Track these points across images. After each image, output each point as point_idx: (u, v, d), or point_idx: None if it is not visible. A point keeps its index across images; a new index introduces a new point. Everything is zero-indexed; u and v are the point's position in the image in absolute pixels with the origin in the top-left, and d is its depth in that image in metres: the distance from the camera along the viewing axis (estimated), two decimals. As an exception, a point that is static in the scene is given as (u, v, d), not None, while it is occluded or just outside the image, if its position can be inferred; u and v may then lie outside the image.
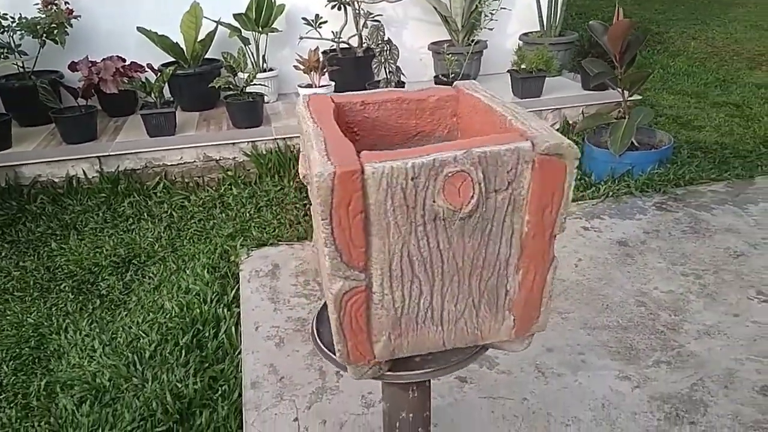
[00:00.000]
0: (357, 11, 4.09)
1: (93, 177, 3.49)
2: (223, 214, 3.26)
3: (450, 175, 0.96)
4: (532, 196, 1.03)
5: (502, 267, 1.10)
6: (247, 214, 3.22)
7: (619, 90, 3.44)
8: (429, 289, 1.08)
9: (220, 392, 2.06)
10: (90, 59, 3.75)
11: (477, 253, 1.08)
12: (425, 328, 1.12)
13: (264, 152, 3.60)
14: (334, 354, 1.15)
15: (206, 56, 4.15)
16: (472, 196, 0.98)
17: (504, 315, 1.15)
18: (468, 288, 1.11)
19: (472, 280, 1.10)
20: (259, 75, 3.91)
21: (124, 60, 3.81)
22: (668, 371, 2.02)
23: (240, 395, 2.02)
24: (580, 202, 3.19)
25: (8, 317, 2.53)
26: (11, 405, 2.10)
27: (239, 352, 2.22)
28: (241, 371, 2.13)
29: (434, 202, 0.98)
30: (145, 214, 3.29)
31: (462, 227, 1.03)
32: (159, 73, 3.66)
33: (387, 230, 0.99)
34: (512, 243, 1.08)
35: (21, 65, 3.85)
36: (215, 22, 4.02)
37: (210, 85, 3.69)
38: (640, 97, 4.20)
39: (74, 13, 3.87)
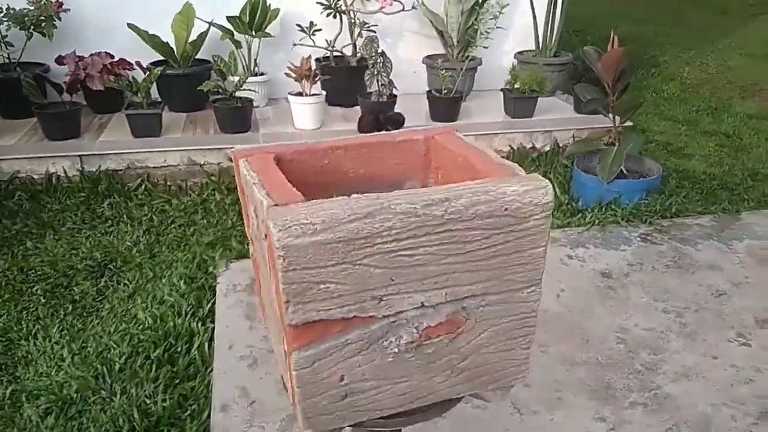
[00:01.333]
0: (352, 21, 4.05)
1: (73, 176, 3.42)
2: (205, 221, 3.21)
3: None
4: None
5: (280, 321, 1.02)
6: (229, 222, 3.17)
7: (611, 117, 3.43)
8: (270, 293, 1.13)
9: (189, 411, 2.02)
10: (78, 54, 3.67)
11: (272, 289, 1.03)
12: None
13: (250, 159, 3.55)
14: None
15: (197, 57, 4.09)
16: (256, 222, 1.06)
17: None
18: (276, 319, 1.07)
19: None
20: (249, 79, 3.86)
21: (112, 56, 3.74)
22: (644, 413, 2.00)
23: (209, 416, 1.98)
24: (565, 229, 3.17)
25: (-24, 320, 2.47)
26: (-28, 414, 2.05)
27: (211, 370, 2.17)
28: (211, 391, 2.08)
29: None
30: (125, 216, 3.23)
31: (261, 250, 1.06)
32: (147, 72, 3.59)
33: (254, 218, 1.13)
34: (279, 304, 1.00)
35: (6, 56, 3.77)
36: (207, 23, 3.96)
37: (198, 89, 3.63)
38: (631, 123, 4.19)
39: (63, 7, 3.79)
